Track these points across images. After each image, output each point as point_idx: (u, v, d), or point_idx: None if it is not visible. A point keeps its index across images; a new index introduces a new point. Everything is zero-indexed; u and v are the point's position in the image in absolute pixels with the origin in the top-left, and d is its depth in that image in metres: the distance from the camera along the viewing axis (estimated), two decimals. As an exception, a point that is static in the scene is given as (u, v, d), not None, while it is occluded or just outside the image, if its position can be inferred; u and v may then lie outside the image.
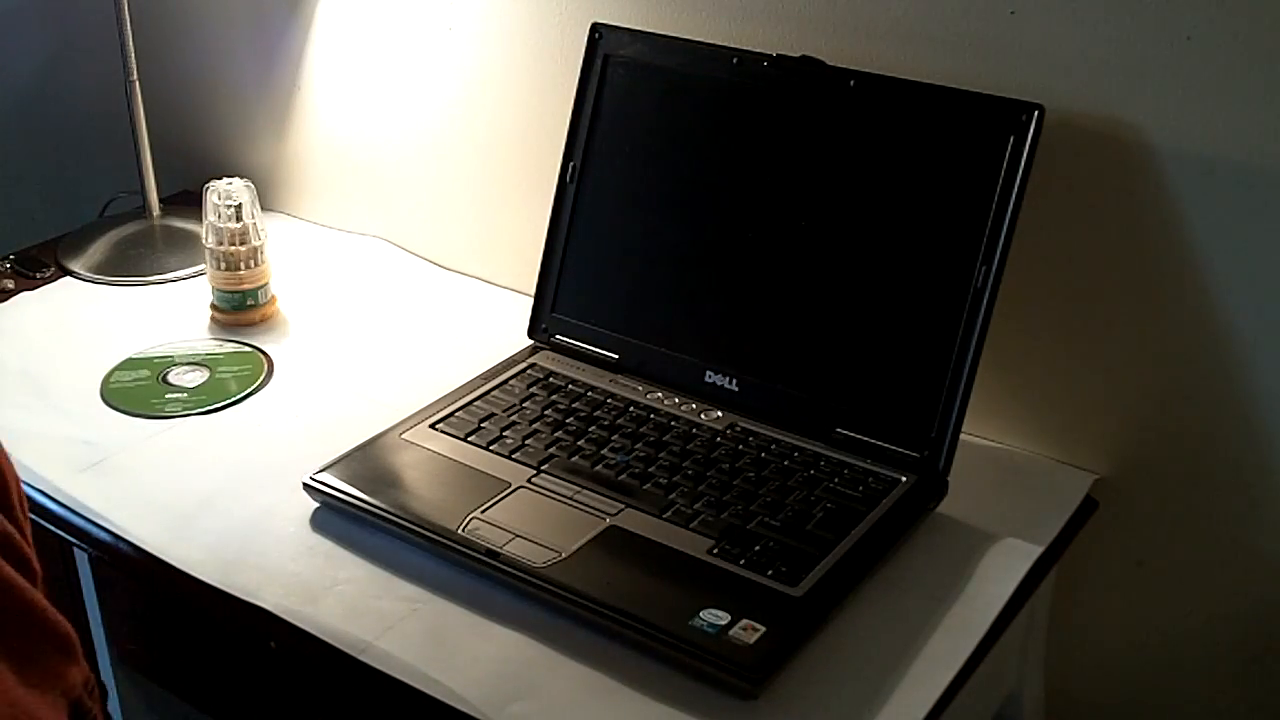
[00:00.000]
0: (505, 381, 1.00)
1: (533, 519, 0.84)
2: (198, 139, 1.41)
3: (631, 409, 0.96)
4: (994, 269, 0.86)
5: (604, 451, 0.91)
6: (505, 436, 0.93)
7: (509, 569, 0.80)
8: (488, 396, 0.98)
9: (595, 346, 1.02)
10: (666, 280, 0.99)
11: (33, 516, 0.89)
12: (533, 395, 0.98)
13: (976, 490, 0.91)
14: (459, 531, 0.82)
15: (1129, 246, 0.91)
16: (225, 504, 0.89)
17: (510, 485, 0.87)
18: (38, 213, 1.56)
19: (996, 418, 0.99)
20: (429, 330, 1.14)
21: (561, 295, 1.04)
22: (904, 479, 0.88)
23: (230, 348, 1.11)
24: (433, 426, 0.94)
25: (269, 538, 0.86)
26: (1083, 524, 0.92)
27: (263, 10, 1.30)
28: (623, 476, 0.88)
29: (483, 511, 0.84)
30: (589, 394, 0.98)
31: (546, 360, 1.02)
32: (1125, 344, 0.94)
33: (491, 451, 0.91)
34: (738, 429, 0.93)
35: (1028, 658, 0.98)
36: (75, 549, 0.95)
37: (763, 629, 0.75)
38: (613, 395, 0.97)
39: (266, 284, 1.15)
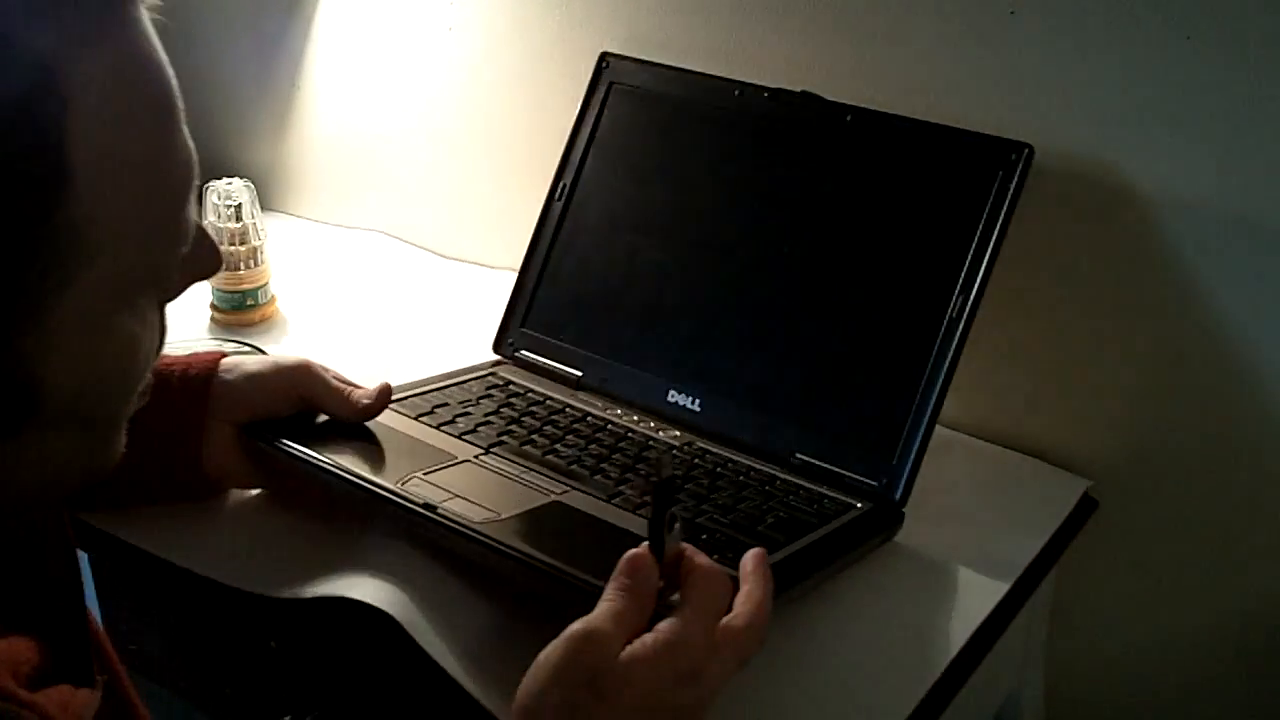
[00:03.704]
0: (463, 383, 0.98)
1: (475, 486, 0.81)
2: (198, 139, 1.41)
3: (589, 418, 0.93)
4: (970, 300, 0.85)
5: (557, 445, 0.88)
6: (457, 421, 0.90)
7: (445, 521, 0.76)
8: (444, 392, 0.95)
9: (559, 363, 1.00)
10: (640, 300, 0.98)
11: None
12: (489, 396, 0.96)
13: (968, 493, 0.92)
14: (397, 486, 0.79)
15: (1125, 250, 0.91)
16: (225, 503, 0.89)
17: (457, 458, 0.85)
18: (37, 213, 1.56)
19: (990, 420, 0.99)
20: (429, 330, 1.14)
21: (534, 311, 1.02)
22: (860, 505, 0.85)
23: (230, 347, 1.11)
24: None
25: (269, 537, 0.86)
26: (1082, 524, 0.92)
27: (262, 10, 1.30)
28: (572, 466, 0.85)
29: (425, 474, 0.81)
30: (546, 402, 0.95)
31: (507, 371, 1.00)
32: (1124, 345, 0.94)
33: (443, 431, 0.89)
34: (695, 447, 0.91)
35: (1028, 658, 0.98)
36: (75, 549, 0.95)
37: None
38: (570, 406, 0.95)
39: (266, 284, 1.15)
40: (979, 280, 0.85)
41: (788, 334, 0.92)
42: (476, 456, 0.85)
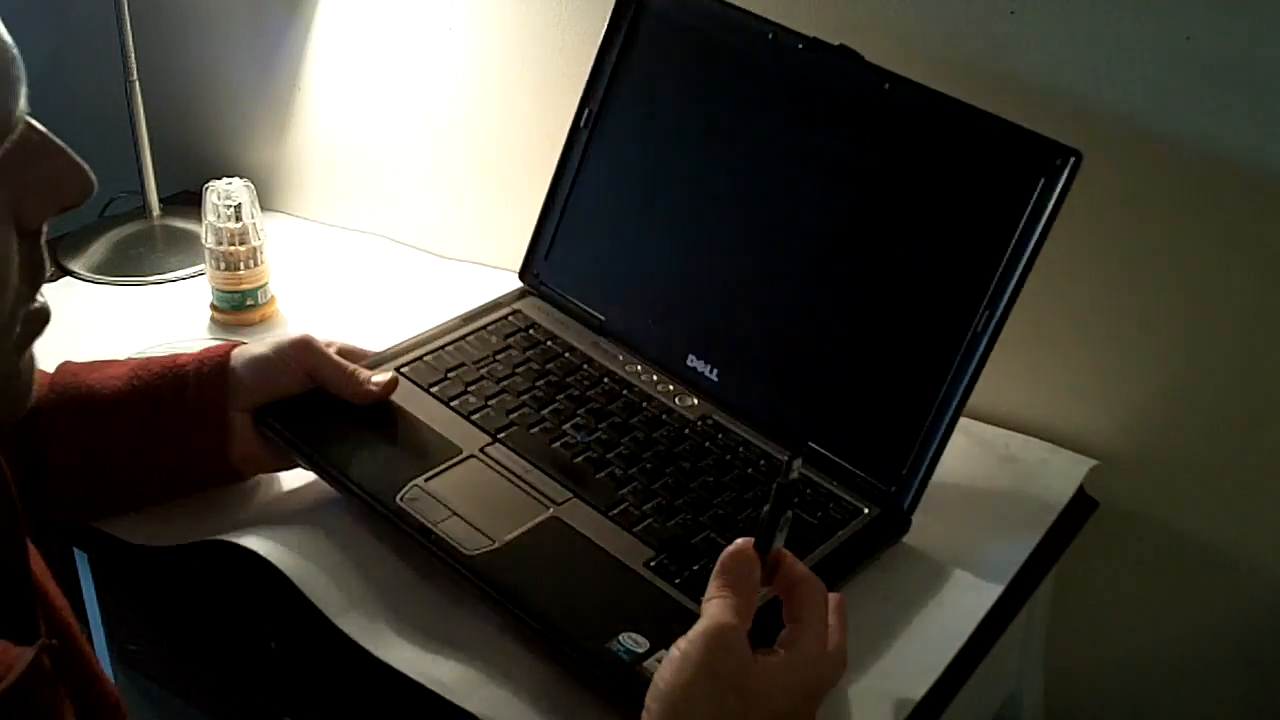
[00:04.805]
0: (485, 326, 0.97)
1: (475, 496, 0.81)
2: (198, 139, 1.41)
3: (606, 380, 0.92)
4: (997, 316, 0.80)
5: (565, 427, 0.87)
6: (469, 393, 0.90)
7: (439, 550, 0.77)
8: (463, 342, 0.95)
9: (583, 304, 0.97)
10: (662, 252, 0.95)
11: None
12: (508, 348, 0.94)
13: (970, 481, 0.91)
14: (397, 501, 0.80)
15: (1133, 239, 0.91)
16: (226, 504, 0.89)
17: (461, 453, 0.85)
18: (38, 213, 1.56)
19: (993, 400, 0.99)
20: (430, 327, 1.14)
21: (558, 244, 1.00)
22: (867, 510, 0.83)
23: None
24: (399, 370, 0.91)
25: (270, 537, 0.86)
26: (1083, 523, 0.92)
27: (263, 10, 1.30)
28: (579, 459, 0.85)
29: (426, 480, 0.82)
30: (566, 355, 0.94)
31: (531, 308, 0.99)
32: (1128, 341, 0.93)
33: (452, 408, 0.88)
34: (710, 421, 0.89)
35: (1028, 658, 0.97)
36: (75, 549, 0.95)
37: None
38: (590, 361, 0.94)
39: (266, 284, 1.15)
40: (1007, 297, 0.79)
41: (809, 315, 0.88)
42: (482, 449, 0.85)
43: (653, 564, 0.78)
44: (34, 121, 0.55)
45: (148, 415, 0.83)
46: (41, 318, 0.59)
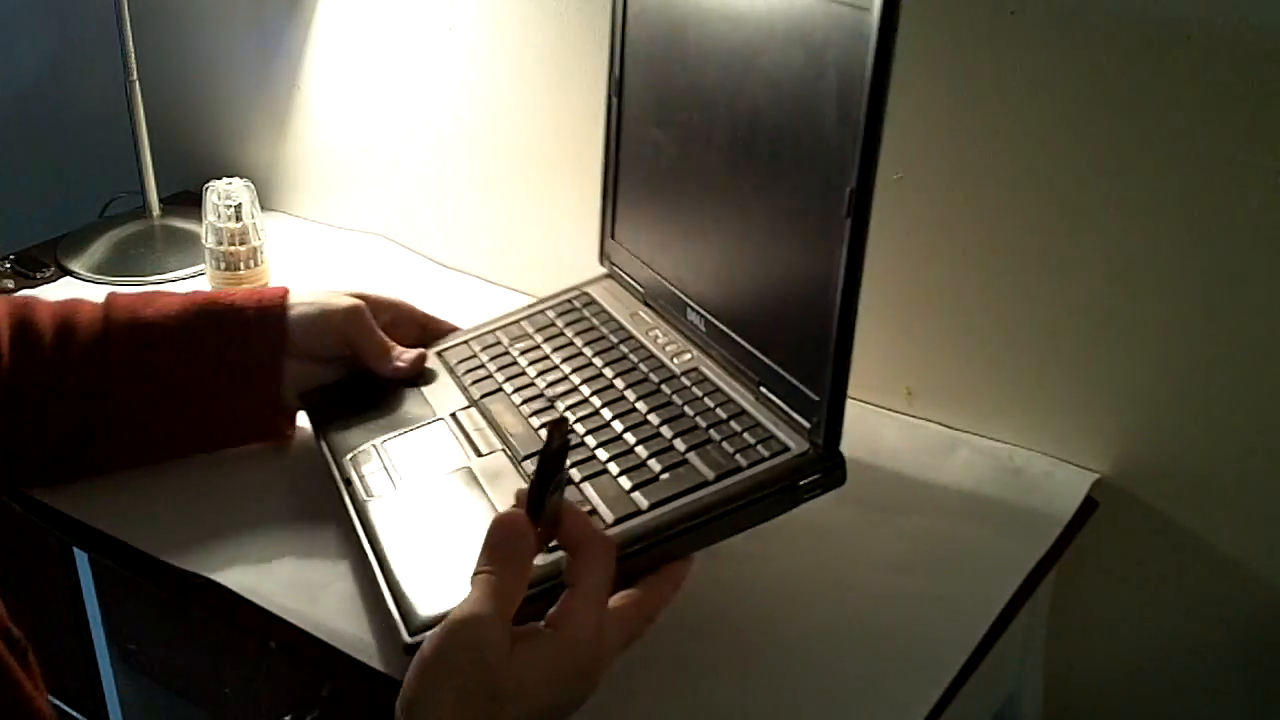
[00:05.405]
0: (546, 310, 0.98)
1: (416, 454, 0.84)
2: (198, 139, 1.41)
3: (621, 346, 0.90)
4: (855, 192, 0.66)
5: (546, 391, 0.87)
6: (484, 369, 0.91)
7: (347, 495, 0.81)
8: (516, 325, 0.97)
9: (632, 279, 0.97)
10: (669, 210, 0.91)
11: (33, 517, 0.89)
12: (552, 325, 0.95)
13: (975, 488, 0.91)
14: (344, 458, 0.85)
15: (1137, 245, 0.91)
16: (227, 503, 0.89)
17: (434, 416, 0.87)
18: (38, 213, 1.56)
19: (997, 415, 0.99)
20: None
21: (619, 222, 0.98)
22: (792, 451, 0.74)
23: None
24: (441, 352, 0.95)
25: (271, 537, 0.86)
26: (1083, 524, 0.92)
27: (262, 10, 1.30)
28: (532, 416, 0.85)
29: (384, 442, 0.85)
30: (600, 327, 0.93)
31: (600, 289, 0.99)
32: (1129, 343, 0.93)
33: (457, 379, 0.91)
34: (695, 374, 0.85)
35: (1028, 658, 0.98)
36: (75, 549, 0.95)
37: None
38: (619, 329, 0.92)
39: (266, 283, 1.15)
40: (858, 166, 0.66)
41: (743, 249, 0.82)
42: (453, 414, 0.87)
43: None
44: None
45: (210, 354, 0.87)
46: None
